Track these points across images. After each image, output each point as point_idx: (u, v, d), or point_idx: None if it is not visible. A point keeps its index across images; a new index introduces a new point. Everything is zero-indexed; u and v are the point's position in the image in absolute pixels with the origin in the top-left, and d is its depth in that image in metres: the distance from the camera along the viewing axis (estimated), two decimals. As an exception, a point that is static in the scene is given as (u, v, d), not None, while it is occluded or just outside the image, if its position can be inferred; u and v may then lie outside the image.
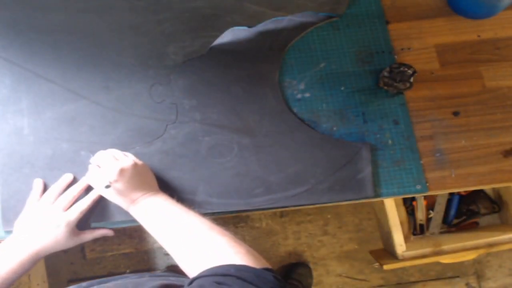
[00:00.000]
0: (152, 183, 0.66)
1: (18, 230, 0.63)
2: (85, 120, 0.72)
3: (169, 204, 0.62)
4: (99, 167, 0.64)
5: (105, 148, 0.69)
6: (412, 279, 1.55)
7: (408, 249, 1.14)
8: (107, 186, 0.61)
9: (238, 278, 0.43)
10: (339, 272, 1.54)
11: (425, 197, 1.24)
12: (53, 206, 0.64)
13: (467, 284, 1.55)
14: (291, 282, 1.44)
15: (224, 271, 0.45)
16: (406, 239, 1.16)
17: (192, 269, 0.52)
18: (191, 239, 0.55)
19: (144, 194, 0.63)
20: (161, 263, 1.48)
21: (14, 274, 0.59)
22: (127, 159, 0.64)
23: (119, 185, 0.61)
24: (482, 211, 1.23)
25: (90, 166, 0.66)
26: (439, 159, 0.76)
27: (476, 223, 1.29)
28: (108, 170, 0.62)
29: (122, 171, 0.61)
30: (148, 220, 0.61)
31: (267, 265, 0.50)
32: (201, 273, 0.47)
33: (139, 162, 0.65)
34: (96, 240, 0.68)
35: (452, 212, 1.26)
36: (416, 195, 0.90)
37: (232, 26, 0.76)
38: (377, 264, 1.25)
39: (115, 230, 0.69)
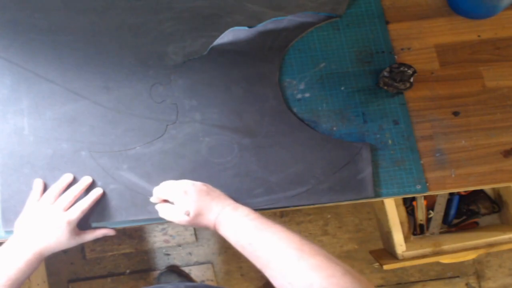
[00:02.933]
0: (222, 196, 0.63)
1: (19, 230, 0.63)
2: (85, 120, 0.72)
3: (254, 219, 0.58)
4: (165, 201, 0.64)
5: (105, 148, 0.70)
6: (412, 279, 1.55)
7: (408, 249, 1.14)
8: (187, 213, 0.60)
9: None
10: (339, 272, 1.53)
11: (425, 197, 1.24)
12: (53, 206, 0.64)
13: (467, 284, 1.56)
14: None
15: None
16: (406, 239, 1.16)
17: None
18: (279, 261, 0.51)
19: (223, 209, 0.60)
20: (161, 263, 1.49)
21: (23, 274, 0.59)
22: (184, 181, 0.64)
23: (192, 206, 0.60)
24: (482, 211, 1.23)
25: (156, 207, 0.65)
26: (439, 159, 0.76)
27: (476, 223, 1.29)
28: (174, 198, 0.62)
29: (186, 193, 0.61)
30: (235, 240, 0.58)
31: (369, 286, 0.45)
32: None
33: (195, 182, 0.64)
34: (96, 240, 0.68)
35: (452, 212, 1.25)
36: (416, 195, 0.90)
37: (232, 26, 0.76)
38: (377, 264, 1.25)
39: (115, 230, 0.69)
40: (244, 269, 1.52)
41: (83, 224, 0.67)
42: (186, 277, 1.46)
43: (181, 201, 0.61)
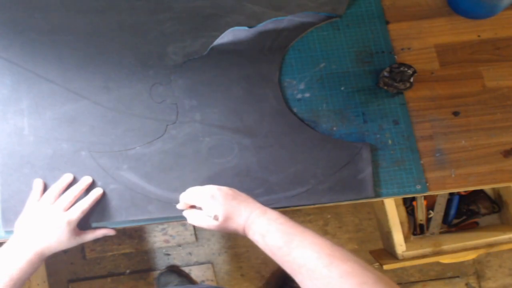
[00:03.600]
0: (250, 200, 0.62)
1: (19, 230, 0.63)
2: (85, 120, 0.72)
3: (283, 224, 0.57)
4: (191, 207, 0.64)
5: (105, 148, 0.69)
6: (412, 279, 1.55)
7: (408, 249, 1.14)
8: (215, 217, 0.59)
9: None
10: (339, 272, 1.53)
11: (425, 197, 1.24)
12: (54, 206, 0.64)
13: (467, 284, 1.55)
14: (292, 285, 1.44)
15: None
16: (406, 239, 1.16)
17: None
18: (310, 267, 0.50)
19: (252, 213, 0.59)
20: (161, 263, 1.48)
21: (24, 274, 0.59)
22: (210, 186, 0.62)
23: (220, 210, 0.59)
24: (482, 211, 1.23)
25: (184, 213, 0.65)
26: (439, 159, 0.76)
27: (476, 223, 1.29)
28: (202, 203, 0.61)
29: (213, 197, 0.60)
30: (264, 244, 0.56)
31: None
32: None
33: (221, 186, 0.63)
34: (96, 240, 0.68)
35: (452, 212, 1.25)
36: (416, 195, 0.90)
37: (232, 26, 0.76)
38: (377, 264, 1.25)
39: (115, 230, 0.69)
40: (244, 269, 1.52)
41: (83, 224, 0.67)
42: (186, 277, 1.46)
43: (209, 206, 0.60)
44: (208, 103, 0.74)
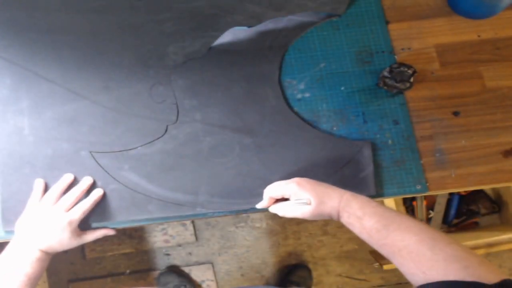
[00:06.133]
0: (333, 186, 0.61)
1: (21, 230, 0.63)
2: (85, 120, 0.72)
3: (377, 207, 0.57)
4: (278, 198, 0.64)
5: (105, 148, 0.69)
6: (412, 279, 1.55)
7: (408, 249, 1.14)
8: (308, 201, 0.59)
9: None
10: (339, 272, 1.54)
11: (425, 197, 1.24)
12: (55, 206, 0.64)
13: (467, 284, 1.55)
14: (291, 286, 1.44)
15: None
16: (406, 239, 1.16)
17: (416, 280, 0.49)
18: (412, 249, 0.50)
19: (342, 196, 0.58)
20: (161, 263, 1.48)
21: (37, 271, 0.60)
22: (290, 179, 0.62)
23: (311, 195, 0.59)
24: (482, 211, 1.23)
25: (272, 209, 0.64)
26: (439, 159, 0.76)
27: (476, 223, 1.29)
28: (290, 192, 0.60)
29: (299, 184, 0.60)
30: (361, 227, 0.56)
31: (503, 276, 0.44)
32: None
33: (300, 177, 0.63)
34: (96, 240, 0.68)
35: (452, 212, 1.26)
36: (416, 195, 0.90)
37: (232, 26, 0.76)
38: (377, 264, 1.25)
39: (115, 230, 0.69)
40: (244, 269, 1.52)
41: (83, 224, 0.67)
42: (186, 277, 1.46)
43: (298, 193, 0.60)
44: (209, 103, 0.74)
